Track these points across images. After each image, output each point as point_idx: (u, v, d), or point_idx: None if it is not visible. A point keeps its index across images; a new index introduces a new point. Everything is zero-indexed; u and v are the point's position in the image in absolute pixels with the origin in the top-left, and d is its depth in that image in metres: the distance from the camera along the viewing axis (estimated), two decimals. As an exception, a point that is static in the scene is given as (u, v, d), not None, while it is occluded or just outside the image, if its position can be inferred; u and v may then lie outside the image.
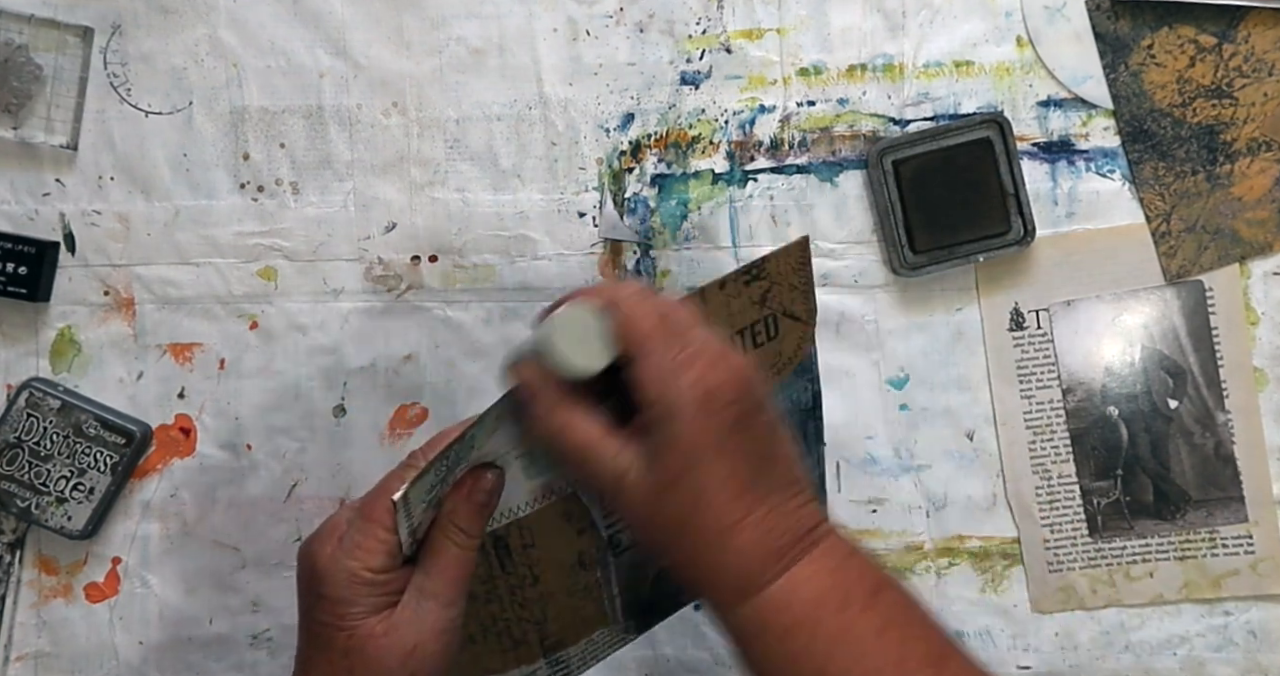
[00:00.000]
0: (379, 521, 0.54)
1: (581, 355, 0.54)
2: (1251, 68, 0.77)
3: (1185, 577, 0.77)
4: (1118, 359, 0.78)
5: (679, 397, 0.52)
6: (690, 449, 0.53)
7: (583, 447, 0.54)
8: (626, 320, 0.54)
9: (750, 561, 0.54)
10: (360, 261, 0.79)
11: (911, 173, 0.77)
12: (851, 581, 0.55)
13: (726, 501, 0.53)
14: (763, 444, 0.55)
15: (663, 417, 0.53)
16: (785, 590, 0.54)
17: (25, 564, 0.79)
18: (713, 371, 0.53)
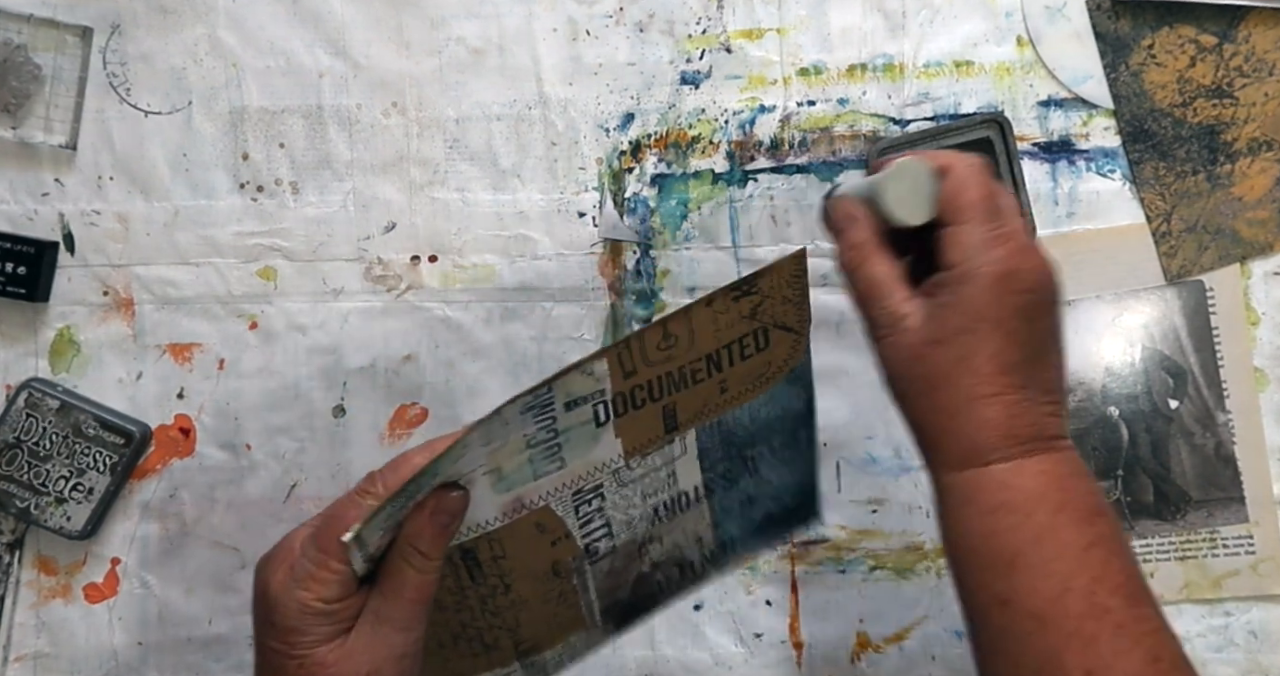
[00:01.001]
0: (332, 553, 0.53)
1: (908, 206, 0.57)
2: (1252, 67, 0.77)
3: (1186, 578, 0.77)
4: (1118, 359, 0.78)
5: (981, 267, 0.55)
6: (974, 313, 0.55)
7: (877, 283, 0.57)
8: (958, 186, 0.56)
9: (988, 435, 0.55)
10: (360, 261, 0.79)
11: (911, 173, 0.77)
12: (1077, 494, 0.55)
13: (988, 373, 0.55)
14: (1040, 340, 0.56)
15: (959, 280, 0.55)
16: (1010, 472, 0.55)
17: (24, 564, 0.79)
18: (1019, 256, 0.55)
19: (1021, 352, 0.55)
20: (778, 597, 0.79)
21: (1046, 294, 0.57)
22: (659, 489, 0.63)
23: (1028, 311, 0.56)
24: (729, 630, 0.79)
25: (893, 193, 0.57)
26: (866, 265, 0.58)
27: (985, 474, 0.55)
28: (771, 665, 0.79)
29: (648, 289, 0.79)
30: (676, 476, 0.63)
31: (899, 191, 0.57)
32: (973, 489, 0.55)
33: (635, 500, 0.62)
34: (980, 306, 0.55)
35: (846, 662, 0.79)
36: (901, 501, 0.79)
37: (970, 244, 0.55)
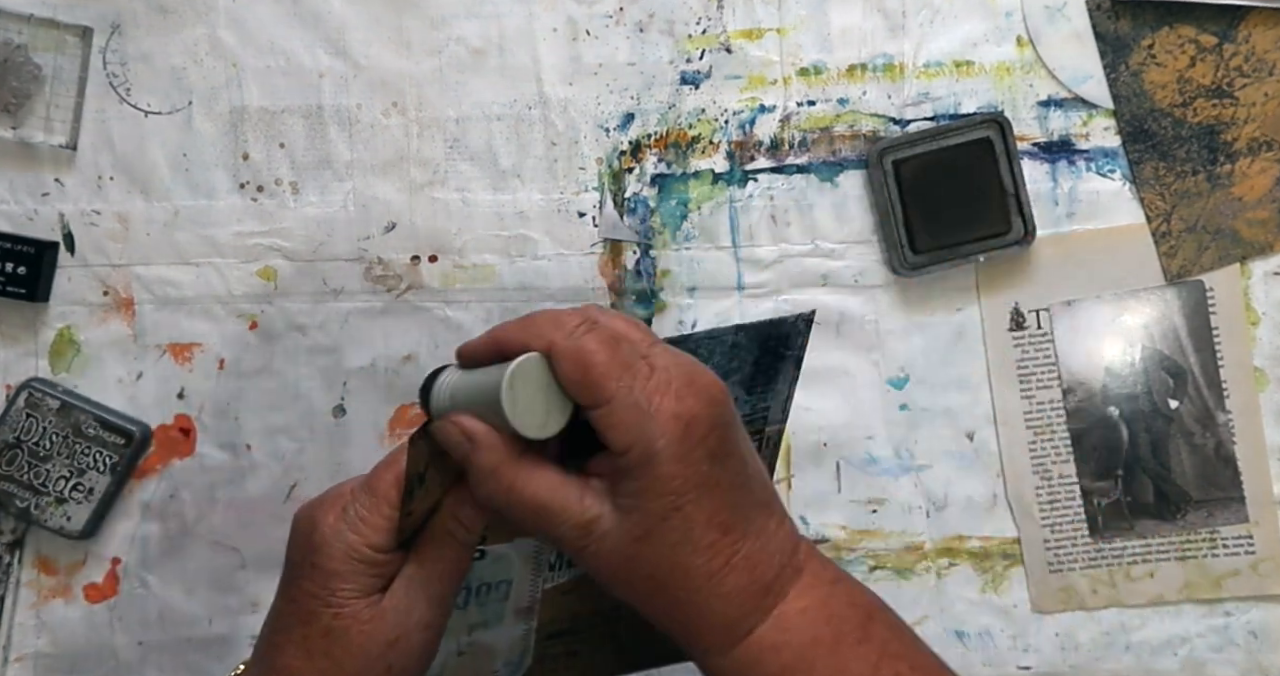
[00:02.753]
0: (385, 497, 0.51)
1: (539, 415, 0.49)
2: (1252, 67, 0.77)
3: (1186, 578, 0.77)
4: (1118, 359, 0.78)
5: (657, 438, 0.48)
6: (674, 492, 0.48)
7: (542, 503, 0.50)
8: (571, 367, 0.49)
9: (740, 604, 0.50)
10: (360, 261, 0.79)
11: (912, 173, 0.77)
12: (843, 612, 0.52)
13: (713, 541, 0.49)
14: (739, 468, 0.50)
15: (641, 461, 0.48)
16: (776, 629, 0.50)
17: (24, 564, 0.79)
18: (687, 399, 0.49)
19: (732, 497, 0.50)
20: (778, 597, 0.79)
21: (725, 417, 0.50)
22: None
23: (719, 450, 0.49)
24: (729, 630, 0.79)
25: (519, 405, 0.49)
26: (518, 489, 0.50)
27: (752, 644, 0.50)
28: (771, 665, 0.79)
29: (648, 289, 0.79)
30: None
31: (524, 400, 0.49)
32: (747, 666, 0.50)
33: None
34: (675, 480, 0.48)
35: (846, 662, 0.79)
36: (901, 501, 0.79)
37: (628, 421, 0.48)
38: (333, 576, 0.51)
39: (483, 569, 0.60)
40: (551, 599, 0.63)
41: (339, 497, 0.53)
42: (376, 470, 0.53)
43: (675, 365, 0.49)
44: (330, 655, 0.51)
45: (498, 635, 0.64)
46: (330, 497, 0.53)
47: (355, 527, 0.51)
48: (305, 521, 0.53)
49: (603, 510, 0.49)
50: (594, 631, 0.66)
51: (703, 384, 0.49)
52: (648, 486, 0.48)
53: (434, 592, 0.53)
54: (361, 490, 0.52)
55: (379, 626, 0.51)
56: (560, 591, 0.63)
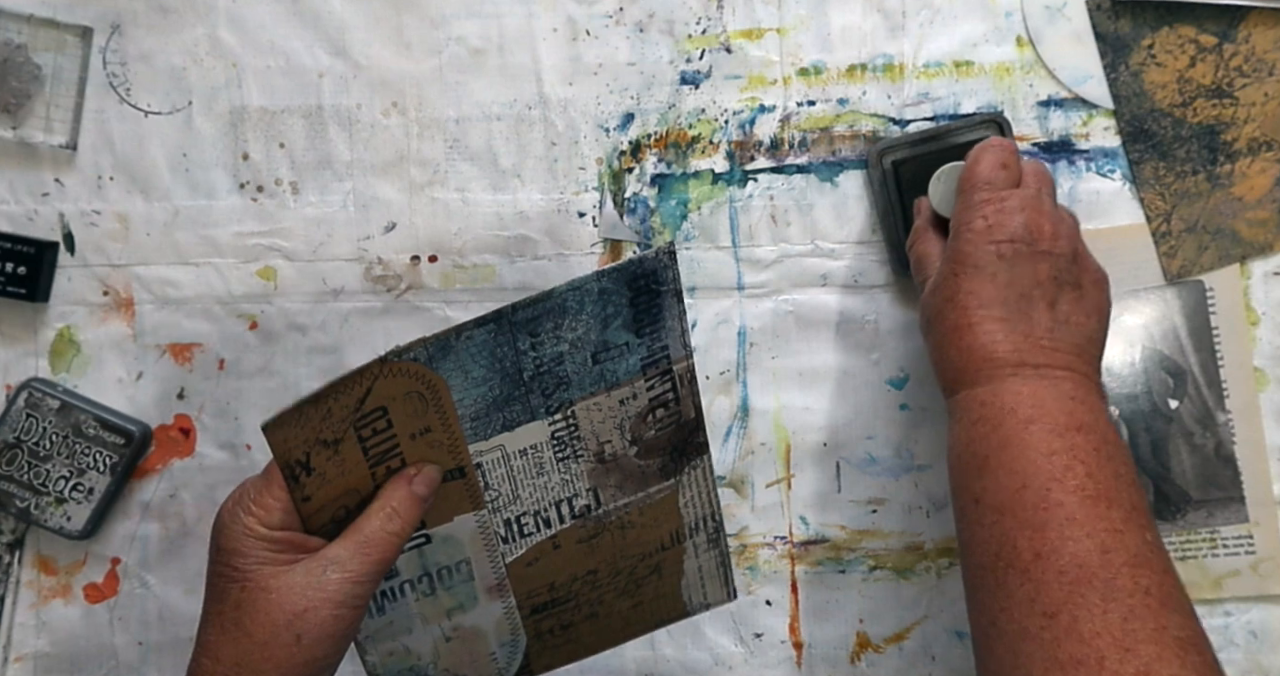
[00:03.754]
0: (275, 481, 0.57)
1: (946, 202, 0.71)
2: (1252, 67, 0.77)
3: (1186, 578, 0.77)
4: (1118, 359, 0.78)
5: (963, 224, 0.66)
6: (957, 260, 0.65)
7: (922, 255, 0.71)
8: (967, 169, 0.68)
9: (970, 359, 0.64)
10: (360, 261, 0.79)
11: (912, 173, 0.76)
12: (1054, 412, 0.62)
13: (968, 306, 0.64)
14: (1033, 285, 0.64)
15: (952, 237, 0.67)
16: (988, 392, 0.63)
17: (24, 564, 0.79)
18: (1000, 215, 0.65)
19: (1000, 291, 0.64)
20: (778, 597, 0.79)
21: (1030, 244, 0.64)
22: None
23: (1008, 258, 0.64)
24: (729, 630, 0.79)
25: (936, 192, 0.71)
26: (918, 244, 0.72)
27: (970, 394, 0.64)
28: (771, 665, 0.79)
29: (648, 289, 0.78)
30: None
31: (941, 191, 0.71)
32: (960, 406, 0.64)
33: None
34: (962, 255, 0.65)
35: (846, 662, 0.79)
36: (901, 501, 0.79)
37: (961, 210, 0.67)
38: (233, 554, 0.57)
39: (434, 552, 0.63)
40: (519, 572, 0.65)
41: (241, 488, 0.59)
42: (272, 462, 0.59)
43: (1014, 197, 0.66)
44: (240, 625, 0.56)
45: (479, 616, 0.65)
46: (236, 491, 0.59)
47: (248, 509, 0.57)
48: (217, 515, 0.59)
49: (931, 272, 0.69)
50: (576, 600, 0.67)
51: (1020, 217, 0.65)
52: (949, 255, 0.66)
53: (359, 574, 0.58)
54: (258, 476, 0.59)
55: (286, 596, 0.56)
56: (524, 563, 0.65)
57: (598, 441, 0.63)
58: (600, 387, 0.62)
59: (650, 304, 0.60)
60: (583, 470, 0.63)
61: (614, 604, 0.68)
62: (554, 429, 0.62)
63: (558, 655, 0.69)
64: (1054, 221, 0.66)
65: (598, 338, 0.60)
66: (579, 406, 0.62)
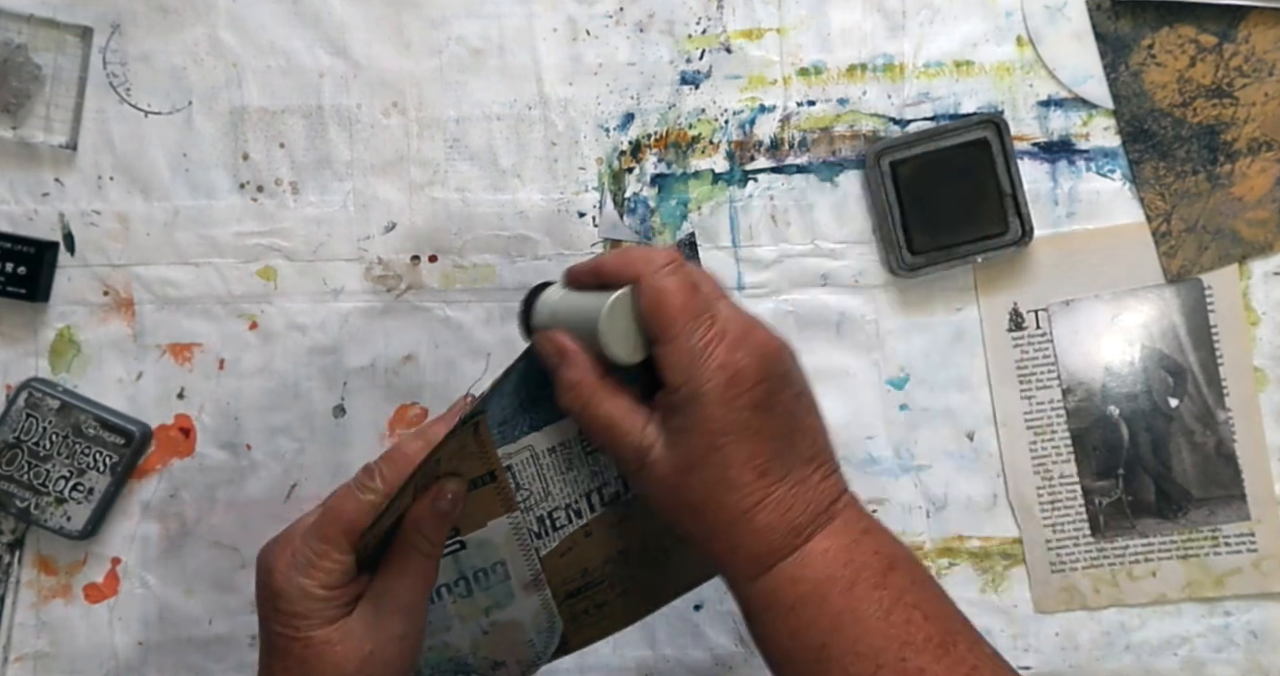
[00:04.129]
0: (333, 543, 0.56)
1: (627, 343, 0.55)
2: (1252, 67, 0.77)
3: (1188, 577, 0.77)
4: (1118, 358, 0.78)
5: (704, 381, 0.53)
6: (715, 432, 0.53)
7: (611, 423, 0.56)
8: (651, 303, 0.54)
9: (768, 540, 0.54)
10: (360, 261, 0.79)
11: (909, 174, 0.77)
12: (864, 558, 0.55)
13: (748, 482, 0.54)
14: (786, 421, 0.55)
15: (688, 400, 0.53)
16: (797, 565, 0.54)
17: (24, 564, 0.79)
18: (738, 352, 0.54)
19: (773, 445, 0.54)
20: (778, 597, 0.79)
21: (776, 375, 0.55)
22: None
23: (765, 402, 0.54)
24: (729, 630, 0.79)
25: (611, 331, 0.55)
26: (593, 406, 0.56)
27: (775, 575, 0.54)
28: (772, 665, 0.79)
29: (648, 289, 0.78)
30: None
31: (616, 328, 0.55)
32: (768, 594, 0.55)
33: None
34: (718, 421, 0.53)
35: (847, 662, 0.79)
36: (901, 501, 0.79)
37: (686, 359, 0.54)
38: (294, 616, 0.56)
39: (470, 558, 0.63)
40: (552, 563, 0.64)
41: (289, 541, 0.57)
42: (325, 515, 0.57)
43: (735, 319, 0.55)
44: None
45: (516, 611, 0.66)
46: (282, 542, 0.58)
47: (306, 572, 0.56)
48: (262, 569, 0.58)
49: (657, 441, 0.55)
50: (609, 580, 0.67)
51: (757, 340, 0.55)
52: (693, 424, 0.53)
53: (403, 604, 0.58)
54: (311, 535, 0.57)
55: (349, 646, 0.56)
56: (557, 554, 0.64)
57: None
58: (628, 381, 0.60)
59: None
60: (609, 462, 0.63)
61: (644, 577, 0.68)
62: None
63: (593, 631, 0.69)
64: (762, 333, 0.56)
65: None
66: None
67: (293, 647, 0.56)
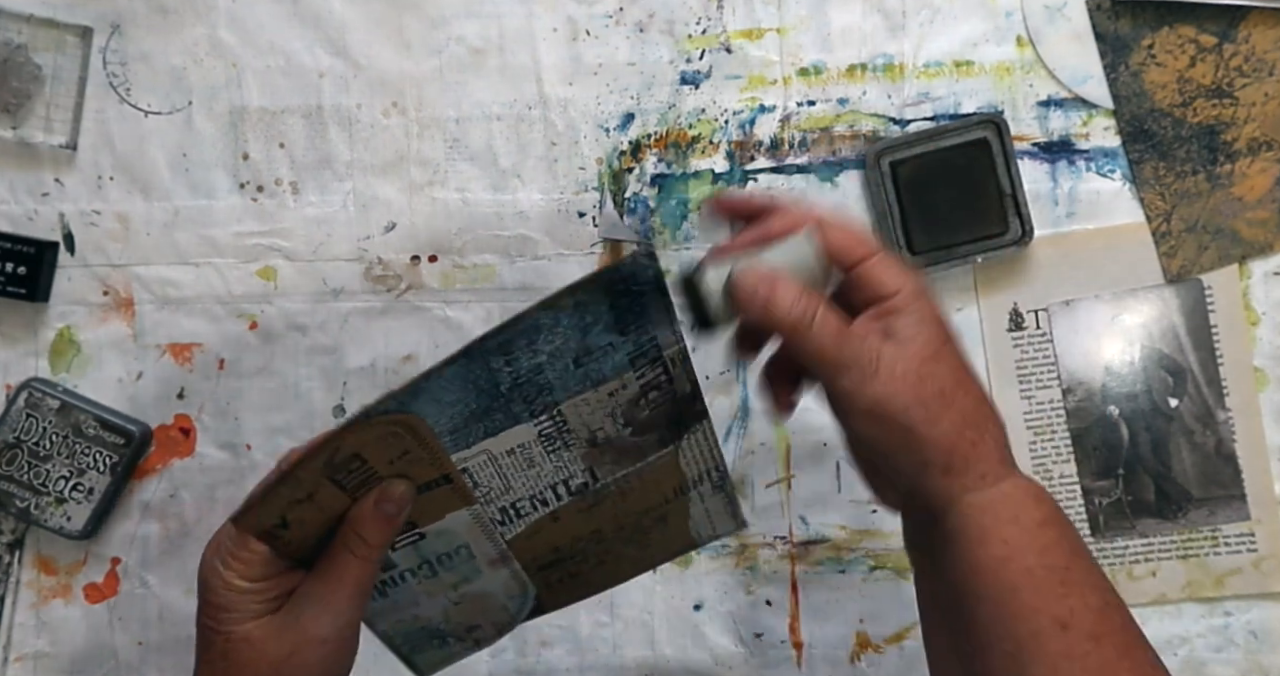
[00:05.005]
0: (251, 534, 0.55)
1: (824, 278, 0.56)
2: (1252, 67, 0.77)
3: (1188, 576, 0.77)
4: (1117, 358, 0.78)
5: (919, 284, 0.55)
6: (943, 323, 0.55)
7: (841, 328, 0.54)
8: (843, 229, 0.56)
9: (1002, 444, 0.54)
10: (360, 261, 0.79)
11: (909, 174, 0.77)
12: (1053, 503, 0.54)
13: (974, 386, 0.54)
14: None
15: (912, 297, 0.54)
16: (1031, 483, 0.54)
17: (24, 564, 0.79)
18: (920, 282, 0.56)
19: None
20: (778, 597, 0.79)
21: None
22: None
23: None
24: (729, 630, 0.79)
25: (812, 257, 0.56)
26: (823, 314, 0.54)
27: (1021, 485, 0.53)
28: (771, 665, 0.79)
29: (648, 289, 0.78)
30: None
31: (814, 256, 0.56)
32: (1016, 502, 0.52)
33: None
34: (940, 318, 0.55)
35: (846, 662, 0.79)
36: (902, 501, 0.79)
37: (897, 267, 0.55)
38: (218, 609, 0.56)
39: (430, 545, 0.63)
40: (519, 544, 0.64)
41: (218, 533, 0.57)
42: (245, 506, 0.56)
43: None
44: (228, 673, 0.56)
45: (485, 583, 0.66)
46: (215, 537, 0.57)
47: (226, 563, 0.55)
48: (201, 560, 0.57)
49: (883, 347, 0.53)
50: (583, 555, 0.67)
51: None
52: (927, 315, 0.54)
53: (331, 605, 0.56)
54: (231, 526, 0.56)
55: (268, 646, 0.56)
56: (524, 537, 0.64)
57: (589, 430, 0.62)
58: (586, 386, 0.60)
59: (633, 304, 0.58)
60: (576, 455, 0.63)
61: (621, 551, 0.68)
62: (540, 429, 0.61)
63: (568, 596, 0.69)
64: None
65: (578, 344, 0.59)
66: (565, 405, 0.61)
67: (215, 641, 0.56)
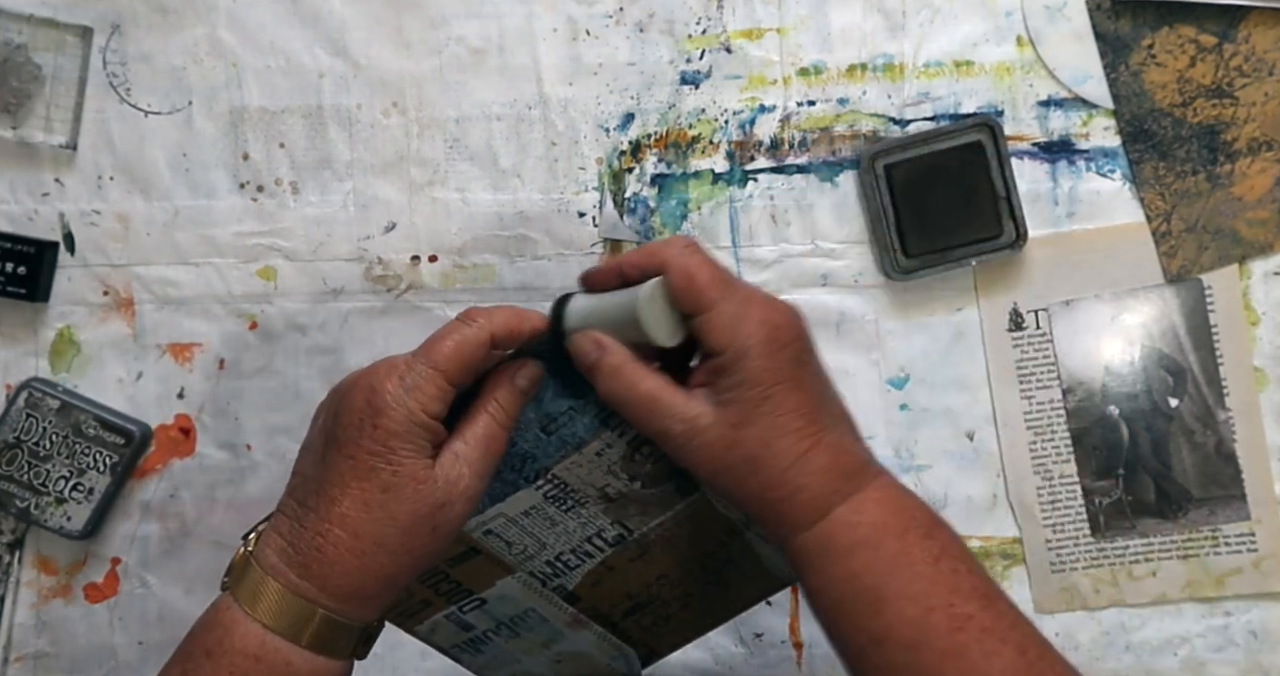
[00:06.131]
0: (441, 369, 0.56)
1: (664, 327, 0.58)
2: (1252, 67, 0.77)
3: (1188, 576, 0.77)
4: (1117, 358, 0.78)
5: (748, 338, 0.56)
6: (764, 383, 0.56)
7: (655, 397, 0.57)
8: (684, 278, 0.57)
9: (824, 482, 0.56)
10: (360, 261, 0.79)
11: (903, 177, 0.77)
12: (912, 510, 0.58)
13: (800, 427, 0.56)
14: (820, 377, 0.59)
15: (736, 357, 0.56)
16: (852, 510, 0.56)
17: (25, 564, 0.79)
18: (773, 312, 0.57)
19: (815, 396, 0.58)
20: (778, 597, 0.79)
21: (805, 333, 0.59)
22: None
23: (802, 357, 0.58)
24: (729, 630, 0.79)
25: (650, 316, 0.57)
26: (638, 384, 0.58)
27: (832, 520, 0.56)
28: (771, 665, 0.79)
29: (648, 289, 0.78)
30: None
31: (654, 313, 0.57)
32: (825, 538, 0.56)
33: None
34: (766, 371, 0.56)
35: (847, 663, 0.79)
36: (902, 501, 0.79)
37: (727, 322, 0.57)
38: (393, 436, 0.55)
39: (497, 608, 0.64)
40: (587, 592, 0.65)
41: (394, 367, 0.57)
42: (432, 343, 0.57)
43: (759, 290, 0.59)
44: (386, 507, 0.55)
45: (576, 644, 0.67)
46: (385, 366, 0.57)
47: (414, 394, 0.56)
48: (364, 388, 0.57)
49: (704, 408, 0.57)
50: (662, 599, 0.67)
51: (782, 303, 0.58)
52: (743, 379, 0.56)
53: (477, 466, 0.58)
54: (418, 360, 0.57)
55: (431, 488, 0.56)
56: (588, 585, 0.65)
57: (596, 488, 0.62)
58: (567, 450, 0.61)
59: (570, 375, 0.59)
60: (595, 511, 0.63)
61: (703, 592, 0.68)
62: (544, 492, 0.62)
63: (673, 638, 0.69)
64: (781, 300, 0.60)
65: (537, 414, 0.60)
66: (557, 469, 0.61)
67: (380, 472, 0.55)
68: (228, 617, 0.57)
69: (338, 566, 0.55)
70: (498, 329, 0.58)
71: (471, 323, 0.57)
